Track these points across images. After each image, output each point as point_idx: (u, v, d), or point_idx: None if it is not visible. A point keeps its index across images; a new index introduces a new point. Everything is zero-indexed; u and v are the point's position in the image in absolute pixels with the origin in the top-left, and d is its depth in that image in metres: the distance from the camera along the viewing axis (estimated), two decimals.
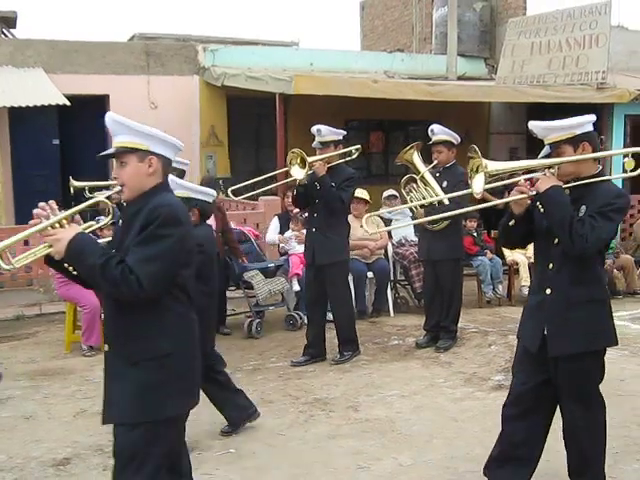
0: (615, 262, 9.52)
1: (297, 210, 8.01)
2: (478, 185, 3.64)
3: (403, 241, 8.73)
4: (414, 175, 6.79)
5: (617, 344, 3.74)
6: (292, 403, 5.50)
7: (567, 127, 3.62)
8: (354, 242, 8.22)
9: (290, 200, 8.15)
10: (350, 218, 8.35)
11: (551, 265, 3.62)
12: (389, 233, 8.63)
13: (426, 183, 6.69)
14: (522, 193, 3.61)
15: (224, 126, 11.95)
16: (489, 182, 3.64)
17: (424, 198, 6.48)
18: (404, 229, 8.85)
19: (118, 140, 2.99)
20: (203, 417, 5.21)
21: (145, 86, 11.75)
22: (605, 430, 3.78)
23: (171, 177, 3.43)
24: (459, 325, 7.35)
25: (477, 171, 3.65)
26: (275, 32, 48.22)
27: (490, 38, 14.63)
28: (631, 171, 3.63)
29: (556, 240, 3.58)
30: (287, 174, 6.49)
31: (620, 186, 12.25)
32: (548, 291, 3.62)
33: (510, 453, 3.80)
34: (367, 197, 8.34)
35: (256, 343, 7.30)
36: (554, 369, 3.64)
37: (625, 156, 3.61)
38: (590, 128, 3.66)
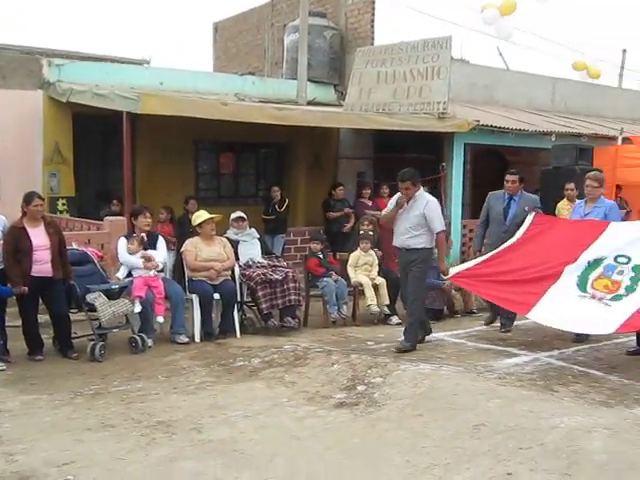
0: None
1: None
2: None
3: (250, 263, 8.79)
4: None
5: None
6: (134, 427, 5.39)
7: None
8: (201, 263, 8.24)
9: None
10: (197, 239, 8.41)
11: None
12: (236, 255, 8.67)
13: None
14: None
15: (69, 143, 11.57)
16: None
17: None
18: (251, 251, 8.95)
19: None
20: (39, 444, 5.05)
21: None
22: None
23: None
24: (304, 345, 7.55)
25: None
26: (126, 49, 47.36)
27: (340, 65, 15.05)
28: None
29: None
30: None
31: (460, 211, 12.94)
32: None
33: None
34: (212, 216, 8.43)
35: (99, 367, 7.11)
36: None
37: None
38: None
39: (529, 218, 8.32)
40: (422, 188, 7.91)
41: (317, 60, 14.47)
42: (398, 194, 7.84)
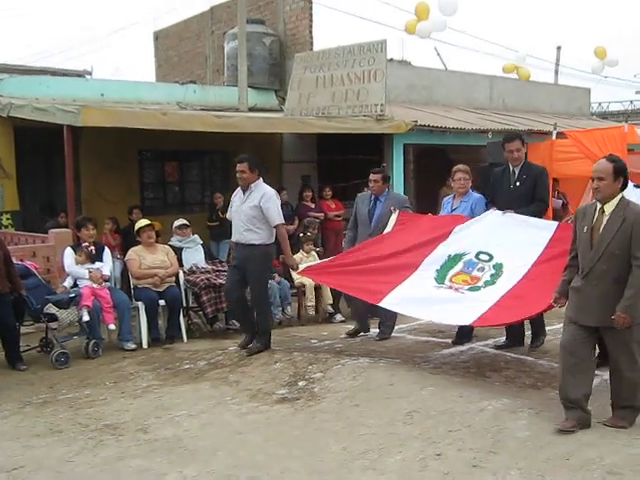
0: None
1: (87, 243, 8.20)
2: None
3: (194, 268, 8.98)
4: None
5: None
6: (82, 431, 5.56)
7: None
8: (144, 271, 8.41)
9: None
10: (141, 248, 8.59)
11: None
12: (180, 261, 8.86)
13: None
14: None
15: (12, 158, 11.59)
16: None
17: None
18: (194, 257, 9.14)
19: None
20: None
21: None
22: None
23: None
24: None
25: None
26: (67, 61, 46.94)
27: (280, 71, 15.29)
28: None
29: None
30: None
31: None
32: None
33: None
34: (149, 223, 8.64)
35: (47, 376, 7.22)
36: None
37: None
38: None
39: (393, 217, 7.85)
40: (261, 179, 7.54)
41: (257, 67, 14.70)
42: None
